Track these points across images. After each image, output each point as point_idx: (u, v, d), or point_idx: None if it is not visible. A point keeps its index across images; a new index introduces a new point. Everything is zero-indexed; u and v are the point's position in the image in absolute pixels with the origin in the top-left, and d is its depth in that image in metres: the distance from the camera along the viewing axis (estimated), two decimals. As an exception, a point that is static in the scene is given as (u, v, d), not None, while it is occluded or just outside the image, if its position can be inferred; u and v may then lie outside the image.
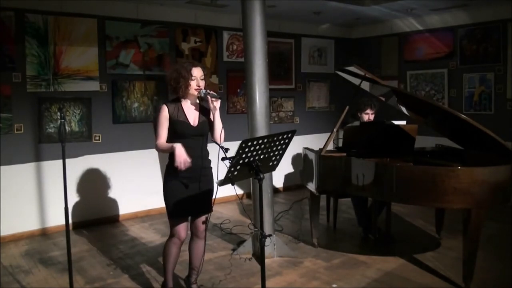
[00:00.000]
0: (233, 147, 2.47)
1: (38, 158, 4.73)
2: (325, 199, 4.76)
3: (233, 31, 6.06)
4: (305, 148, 4.26)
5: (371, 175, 3.45)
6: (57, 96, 4.77)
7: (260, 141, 2.40)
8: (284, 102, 6.70)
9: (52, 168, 4.71)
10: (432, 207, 4.45)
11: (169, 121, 2.92)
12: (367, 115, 4.42)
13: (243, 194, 6.15)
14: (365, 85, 4.11)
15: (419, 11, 5.97)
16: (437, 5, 5.62)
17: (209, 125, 3.02)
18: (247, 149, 2.35)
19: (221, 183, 2.40)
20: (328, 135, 4.23)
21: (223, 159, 2.55)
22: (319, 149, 4.02)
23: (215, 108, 2.94)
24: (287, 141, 2.58)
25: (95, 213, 5.09)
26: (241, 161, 2.38)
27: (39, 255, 4.18)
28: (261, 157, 2.47)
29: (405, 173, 3.26)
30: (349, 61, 6.07)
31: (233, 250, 4.16)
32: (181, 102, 2.99)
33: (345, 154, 3.84)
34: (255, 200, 3.94)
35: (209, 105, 2.95)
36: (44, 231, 4.79)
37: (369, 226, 4.40)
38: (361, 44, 7.28)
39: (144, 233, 4.78)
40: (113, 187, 5.20)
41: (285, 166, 6.64)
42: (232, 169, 2.38)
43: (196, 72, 2.92)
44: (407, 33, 6.60)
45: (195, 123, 2.97)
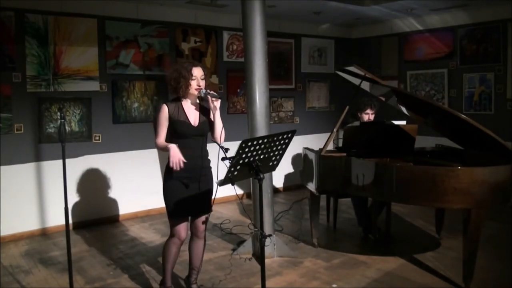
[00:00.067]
0: (233, 147, 2.47)
1: (38, 158, 4.73)
2: (325, 199, 4.76)
3: (233, 31, 6.06)
4: (305, 148, 4.26)
5: (371, 175, 3.45)
6: (57, 96, 4.77)
7: (260, 141, 2.40)
8: (284, 102, 6.70)
9: (52, 168, 4.72)
10: (432, 207, 4.45)
11: (169, 121, 2.92)
12: (367, 115, 4.41)
13: (243, 194, 6.15)
14: (365, 85, 4.11)
15: (419, 11, 5.97)
16: (437, 5, 5.62)
17: (209, 125, 3.03)
18: (247, 149, 2.36)
19: (221, 183, 2.40)
20: (328, 135, 4.23)
21: (223, 159, 2.55)
22: (319, 149, 4.02)
23: (215, 107, 2.94)
24: (287, 141, 2.58)
25: (95, 213, 5.09)
26: (241, 161, 2.38)
27: (39, 255, 4.18)
28: (261, 157, 2.47)
29: (405, 173, 3.26)
30: (349, 61, 6.07)
31: (233, 250, 4.16)
32: (182, 102, 2.99)
33: (345, 154, 3.84)
34: (255, 200, 3.94)
35: (209, 104, 2.95)
36: (44, 231, 4.79)
37: (369, 226, 4.40)
38: (361, 44, 7.28)
39: (144, 233, 4.78)
40: (113, 187, 5.20)
41: (285, 166, 6.64)
42: (232, 169, 2.38)
43: (196, 72, 2.92)
44: (407, 33, 6.60)
45: (195, 123, 2.97)
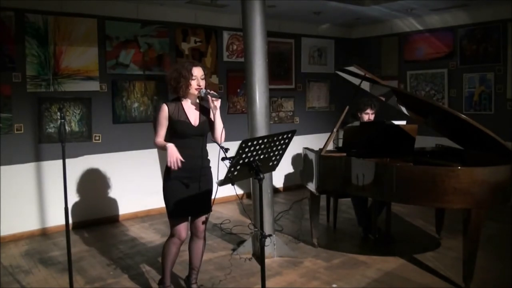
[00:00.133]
0: (233, 147, 2.47)
1: (38, 158, 4.73)
2: (325, 199, 4.76)
3: (233, 31, 6.06)
4: (305, 148, 4.26)
5: (371, 175, 3.45)
6: (57, 96, 4.77)
7: (260, 141, 2.40)
8: (284, 102, 6.70)
9: (52, 168, 4.71)
10: (432, 207, 4.45)
11: (169, 121, 2.92)
12: (367, 115, 4.41)
13: (243, 194, 6.15)
14: (365, 85, 4.11)
15: (419, 11, 5.97)
16: (437, 5, 5.62)
17: (209, 125, 3.03)
18: (247, 149, 2.35)
19: (221, 183, 2.40)
20: (328, 135, 4.23)
21: (223, 159, 2.54)
22: (319, 149, 4.02)
23: (215, 107, 2.94)
24: (287, 141, 2.58)
25: (95, 213, 5.09)
26: (241, 161, 2.38)
27: (39, 255, 4.18)
28: (261, 157, 2.47)
29: (405, 173, 3.26)
30: (349, 61, 6.07)
31: (233, 250, 4.16)
32: (182, 102, 2.99)
33: (345, 154, 3.84)
34: (255, 200, 3.94)
35: (210, 104, 2.95)
36: (44, 231, 4.79)
37: (369, 226, 4.40)
38: (361, 44, 7.28)
39: (144, 233, 4.78)
40: (113, 187, 5.20)
41: (285, 166, 6.64)
42: (232, 169, 2.38)
43: (196, 71, 2.92)
44: (407, 33, 6.60)
45: (196, 122, 2.97)
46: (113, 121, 5.18)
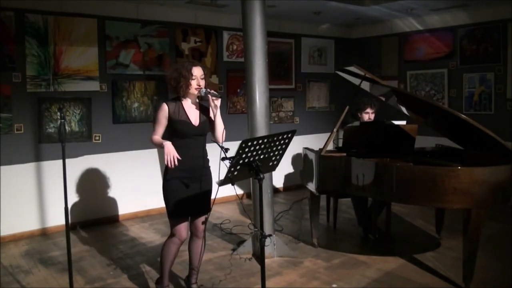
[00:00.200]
0: (233, 147, 2.47)
1: (38, 158, 4.73)
2: (325, 199, 4.76)
3: (233, 31, 6.06)
4: (305, 148, 4.26)
5: (371, 175, 3.45)
6: (57, 96, 4.77)
7: (260, 141, 2.40)
8: (284, 102, 6.70)
9: (52, 168, 4.71)
10: (432, 207, 4.45)
11: (169, 121, 2.92)
12: (367, 115, 4.41)
13: (243, 194, 6.15)
14: (365, 85, 4.11)
15: (419, 11, 5.97)
16: (437, 5, 5.62)
17: (210, 125, 3.03)
18: (247, 149, 2.35)
19: (221, 183, 2.40)
20: (328, 135, 4.23)
21: (223, 159, 2.55)
22: (319, 149, 4.02)
23: (216, 106, 2.94)
24: (287, 141, 2.58)
25: (95, 213, 5.09)
26: (241, 161, 2.38)
27: (39, 255, 4.18)
28: (261, 157, 2.47)
29: (405, 173, 3.26)
30: (349, 61, 6.07)
31: (233, 250, 4.16)
32: (182, 101, 2.99)
33: (345, 154, 3.84)
34: (255, 200, 3.94)
35: (210, 103, 2.95)
36: (44, 231, 4.79)
37: (369, 226, 4.40)
38: (361, 44, 7.28)
39: (144, 233, 4.78)
40: (113, 187, 5.20)
41: (285, 166, 6.64)
42: (232, 169, 2.38)
43: (196, 71, 2.92)
44: (407, 33, 6.60)
45: (196, 122, 2.97)
46: (113, 121, 5.18)
